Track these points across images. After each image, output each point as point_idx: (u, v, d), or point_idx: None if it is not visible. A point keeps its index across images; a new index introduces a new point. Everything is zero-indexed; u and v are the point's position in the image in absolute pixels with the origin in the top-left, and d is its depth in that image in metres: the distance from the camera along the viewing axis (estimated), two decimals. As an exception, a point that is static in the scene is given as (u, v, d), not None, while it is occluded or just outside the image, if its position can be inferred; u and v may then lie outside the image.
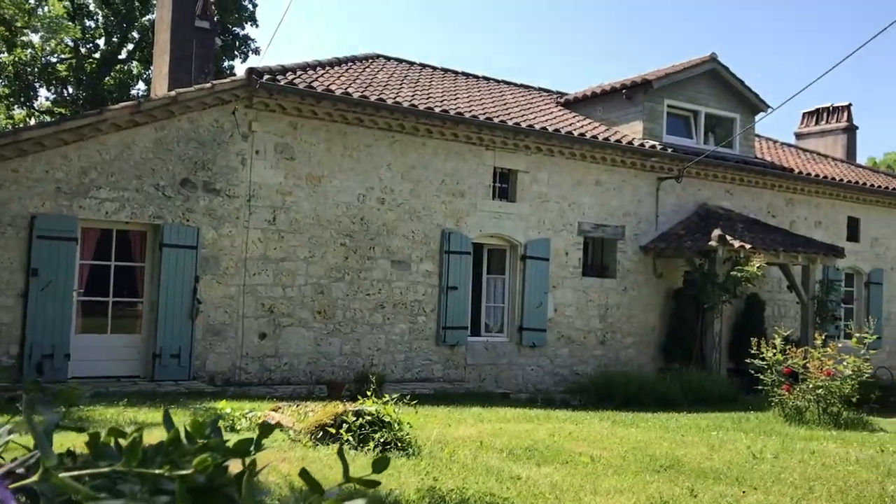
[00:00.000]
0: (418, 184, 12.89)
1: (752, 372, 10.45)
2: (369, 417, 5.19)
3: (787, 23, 73.21)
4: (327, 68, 13.90)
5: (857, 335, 10.61)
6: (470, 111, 13.50)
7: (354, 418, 5.15)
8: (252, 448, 0.91)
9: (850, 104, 21.86)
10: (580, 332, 14.50)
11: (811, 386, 9.44)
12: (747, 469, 5.77)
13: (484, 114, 13.63)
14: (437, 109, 12.81)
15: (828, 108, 22.24)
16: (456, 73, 17.58)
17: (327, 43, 72.15)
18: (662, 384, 12.95)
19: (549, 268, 14.17)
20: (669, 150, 15.25)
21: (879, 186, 18.52)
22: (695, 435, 7.45)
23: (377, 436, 5.09)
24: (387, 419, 5.26)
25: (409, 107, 12.45)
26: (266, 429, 1.03)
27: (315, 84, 12.02)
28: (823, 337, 10.83)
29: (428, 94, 14.15)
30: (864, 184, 18.20)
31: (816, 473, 5.74)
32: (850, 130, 21.82)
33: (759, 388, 10.27)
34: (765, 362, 10.00)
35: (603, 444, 6.57)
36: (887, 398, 14.15)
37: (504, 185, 13.98)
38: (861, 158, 27.20)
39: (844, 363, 9.61)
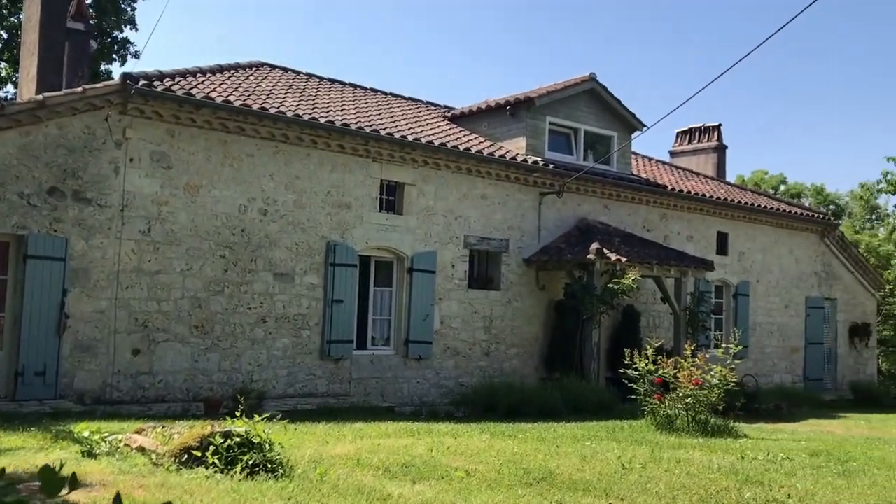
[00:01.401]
0: (303, 195, 12.71)
1: (626, 381, 10.83)
2: (238, 438, 5.04)
3: (665, 44, 76.79)
4: (209, 75, 13.53)
5: (724, 346, 11.16)
6: (357, 122, 13.44)
7: (222, 440, 4.98)
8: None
9: (720, 124, 23.12)
10: (466, 344, 14.65)
11: (681, 395, 9.87)
12: (616, 480, 5.96)
13: (371, 125, 13.61)
14: (323, 120, 12.69)
15: (700, 127, 23.44)
16: (343, 83, 17.48)
17: (217, 51, 70.37)
18: (544, 394, 13.23)
19: (436, 280, 14.26)
20: (551, 166, 15.67)
21: (746, 203, 19.63)
22: (570, 445, 7.64)
23: (245, 458, 4.95)
24: (257, 440, 5.12)
25: (293, 116, 12.28)
26: (50, 483, 0.96)
27: (195, 91, 11.67)
28: (693, 347, 11.34)
29: (314, 103, 14.01)
30: (733, 200, 19.25)
31: (681, 482, 5.99)
32: (720, 149, 23.06)
33: (634, 396, 10.64)
34: (638, 372, 10.37)
35: (480, 457, 6.64)
36: (752, 405, 15.00)
37: (391, 198, 13.98)
38: (730, 176, 28.74)
39: (712, 373, 10.09)
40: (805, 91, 72.55)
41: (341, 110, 14.25)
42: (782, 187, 43.42)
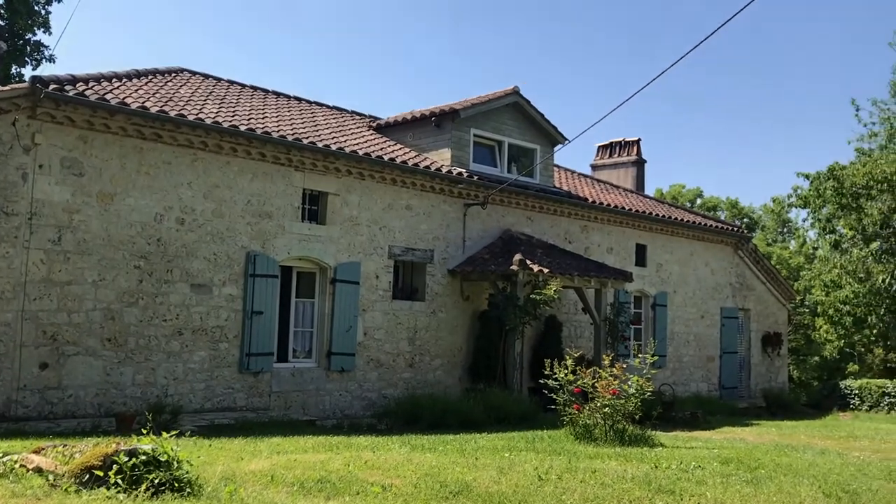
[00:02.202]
0: (222, 204, 12.44)
1: (546, 392, 10.94)
2: (144, 457, 4.86)
3: (588, 59, 78.54)
4: (125, 80, 13.14)
5: (640, 356, 11.39)
6: (279, 131, 13.25)
7: (127, 458, 4.79)
8: None
9: (639, 139, 23.74)
10: (389, 356, 14.57)
11: (599, 405, 10.02)
12: (532, 492, 5.99)
13: (294, 134, 13.44)
14: (243, 127, 12.47)
15: (620, 142, 24.01)
16: (266, 91, 17.24)
17: (138, 56, 68.58)
18: (467, 405, 13.27)
19: (360, 291, 14.15)
20: (476, 178, 15.78)
21: (663, 216, 20.16)
22: (489, 457, 7.65)
23: (151, 476, 4.77)
24: (164, 457, 4.95)
25: (212, 123, 12.02)
26: None
27: (109, 96, 11.31)
28: (612, 356, 11.55)
29: (234, 111, 13.76)
30: (651, 213, 19.75)
31: (595, 493, 6.06)
32: (640, 163, 23.66)
33: (555, 406, 10.75)
34: (558, 382, 10.50)
35: (398, 471, 6.58)
36: (669, 413, 15.38)
37: (314, 208, 13.82)
38: (649, 189, 29.52)
39: (629, 382, 10.28)
40: (721, 107, 75.23)
41: (263, 118, 14.04)
42: (699, 201, 44.80)
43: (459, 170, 15.80)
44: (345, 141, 14.59)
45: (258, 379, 12.75)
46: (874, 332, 30.51)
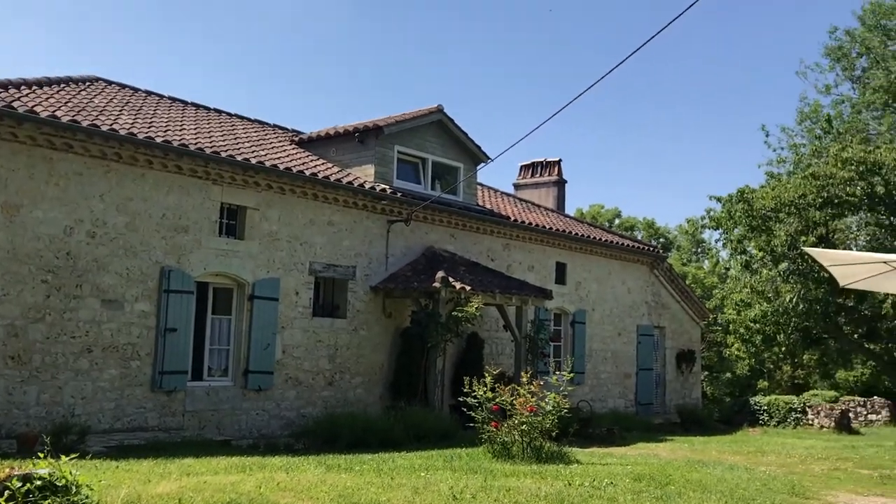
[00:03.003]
0: (136, 217, 12.08)
1: (465, 410, 10.97)
2: (40, 481, 4.63)
3: (512, 79, 79.76)
4: (35, 88, 12.67)
5: (557, 373, 11.54)
6: (197, 143, 12.98)
7: (20, 483, 4.56)
8: None
9: (560, 160, 24.20)
10: (309, 374, 14.36)
11: (517, 422, 10.09)
12: (446, 511, 5.98)
13: (212, 147, 13.18)
14: (160, 139, 12.15)
15: (542, 162, 24.44)
16: (185, 102, 16.87)
17: (55, 63, 66.25)
18: (387, 423, 13.17)
19: (279, 308, 13.91)
20: (399, 195, 15.78)
21: (583, 235, 20.57)
22: (405, 477, 7.60)
23: (47, 503, 4.56)
24: (62, 482, 4.73)
25: (126, 135, 11.67)
26: None
27: (17, 104, 10.87)
28: (530, 373, 11.66)
29: (151, 122, 13.41)
30: (571, 232, 20.12)
31: (508, 511, 6.09)
32: (560, 183, 24.11)
33: (473, 424, 10.77)
34: (477, 400, 10.53)
35: (311, 492, 6.47)
36: (586, 430, 15.60)
37: (232, 222, 13.56)
38: (570, 209, 30.09)
39: (546, 399, 10.40)
40: (641, 129, 77.44)
41: (181, 130, 13.73)
42: (617, 220, 45.94)
43: (383, 186, 15.77)
44: (265, 155, 14.39)
45: (171, 398, 12.37)
46: (782, 349, 31.73)
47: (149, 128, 12.77)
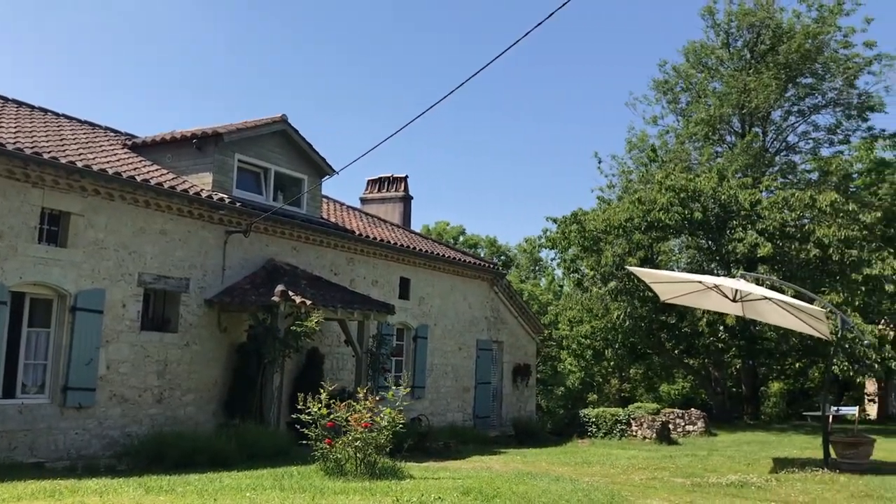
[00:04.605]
0: (-60, 221, 11.03)
1: (298, 427, 10.78)
2: None
3: (362, 94, 79.91)
4: None
5: (393, 388, 11.59)
6: (15, 142, 12.05)
7: None
8: None
9: (406, 176, 24.47)
10: (136, 390, 13.61)
11: (351, 438, 10.02)
12: (269, 532, 5.83)
13: (33, 147, 12.27)
14: (-29, 137, 11.19)
15: (389, 177, 24.60)
16: (6, 99, 15.65)
17: None
18: (219, 442, 12.71)
19: (104, 321, 13.11)
20: (238, 205, 15.34)
21: (427, 251, 20.85)
22: (230, 498, 7.35)
23: None
24: None
25: (-69, 131, 10.66)
26: None
27: None
28: (367, 389, 11.62)
29: (-38, 118, 12.32)
30: (415, 248, 20.33)
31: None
32: (407, 199, 24.35)
33: (306, 441, 10.60)
34: (311, 416, 10.38)
35: (126, 518, 6.12)
36: (424, 444, 15.75)
37: (54, 229, 12.67)
38: (417, 225, 30.45)
39: (381, 415, 10.40)
40: (487, 149, 79.70)
41: (-2, 128, 12.71)
42: (462, 238, 46.97)
43: (221, 195, 15.27)
44: (94, 158, 13.58)
45: (-24, 418, 11.35)
46: (611, 364, 33.62)
47: (-41, 123, 11.73)
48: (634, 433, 21.36)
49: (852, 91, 32.18)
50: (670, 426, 21.73)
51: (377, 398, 11.01)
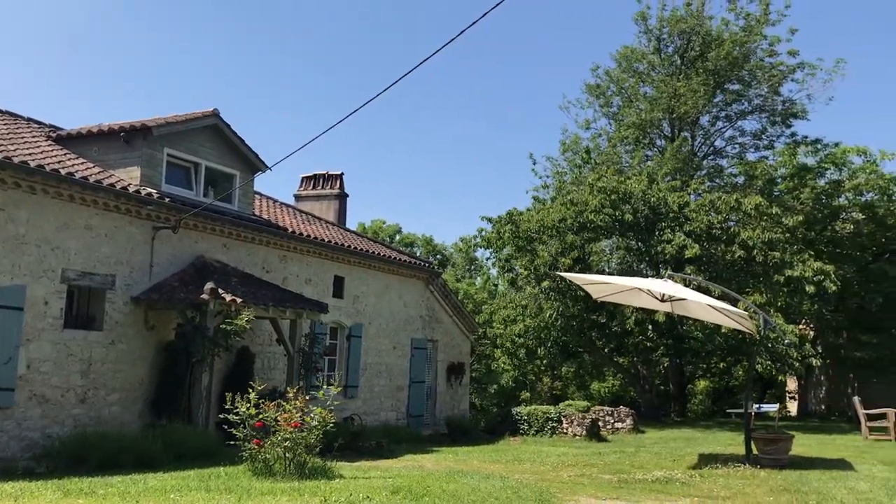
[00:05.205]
0: None
1: (227, 427, 10.62)
2: None
3: (299, 85, 79.05)
4: None
5: (324, 387, 11.51)
6: (-71, 133, 11.54)
7: None
8: None
9: (342, 173, 24.29)
10: (58, 390, 13.18)
11: (280, 438, 9.91)
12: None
13: (-52, 138, 11.77)
14: None
15: (324, 174, 24.38)
16: (-81, 85, 14.96)
17: None
18: (145, 442, 12.42)
19: (24, 318, 12.66)
20: (167, 200, 14.99)
21: (362, 249, 20.74)
22: (153, 499, 7.19)
23: None
24: None
25: None
26: None
27: None
28: (297, 388, 11.51)
29: None
30: (349, 246, 20.20)
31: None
32: (342, 197, 24.18)
33: (235, 442, 10.44)
34: (239, 416, 10.23)
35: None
36: (357, 443, 15.66)
37: (-29, 223, 12.17)
38: (353, 223, 30.28)
39: (312, 414, 10.31)
40: (424, 148, 79.78)
41: None
42: (398, 236, 46.88)
43: (150, 190, 14.91)
44: (15, 150, 13.09)
45: None
46: (543, 362, 34.03)
47: None
48: (565, 431, 21.66)
49: (777, 98, 33.31)
50: (600, 424, 22.11)
51: (308, 398, 10.92)
